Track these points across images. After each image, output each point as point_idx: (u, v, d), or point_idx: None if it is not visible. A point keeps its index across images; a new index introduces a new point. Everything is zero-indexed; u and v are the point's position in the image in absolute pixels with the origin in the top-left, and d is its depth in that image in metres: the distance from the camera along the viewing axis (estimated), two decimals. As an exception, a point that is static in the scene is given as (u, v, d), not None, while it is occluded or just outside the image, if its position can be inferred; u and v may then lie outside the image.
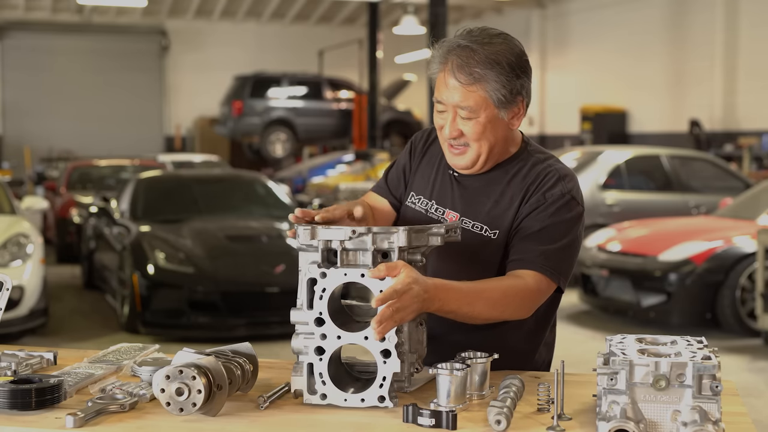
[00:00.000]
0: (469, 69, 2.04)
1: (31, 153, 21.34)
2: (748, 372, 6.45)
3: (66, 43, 23.90)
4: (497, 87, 2.04)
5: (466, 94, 2.05)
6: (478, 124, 2.08)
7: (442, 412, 1.67)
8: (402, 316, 1.76)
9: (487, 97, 2.05)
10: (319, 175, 16.30)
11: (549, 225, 2.08)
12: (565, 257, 2.09)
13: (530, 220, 2.09)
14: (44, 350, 2.14)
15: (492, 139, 2.11)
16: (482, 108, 2.06)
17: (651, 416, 1.61)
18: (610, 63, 19.32)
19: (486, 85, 2.04)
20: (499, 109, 2.08)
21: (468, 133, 2.09)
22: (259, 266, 7.41)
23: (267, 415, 1.78)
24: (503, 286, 2.01)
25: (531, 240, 2.07)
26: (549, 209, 2.09)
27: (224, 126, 21.53)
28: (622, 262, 8.07)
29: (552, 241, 2.07)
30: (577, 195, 2.13)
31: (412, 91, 22.99)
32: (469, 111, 2.07)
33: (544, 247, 2.06)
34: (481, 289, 1.96)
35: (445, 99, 2.09)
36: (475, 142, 2.10)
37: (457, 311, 1.92)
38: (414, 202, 2.27)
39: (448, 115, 2.10)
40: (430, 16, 15.52)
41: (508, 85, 2.05)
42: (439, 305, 1.86)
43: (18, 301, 6.83)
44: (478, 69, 2.03)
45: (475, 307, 1.94)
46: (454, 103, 2.07)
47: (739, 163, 14.90)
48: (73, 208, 11.63)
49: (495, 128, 2.10)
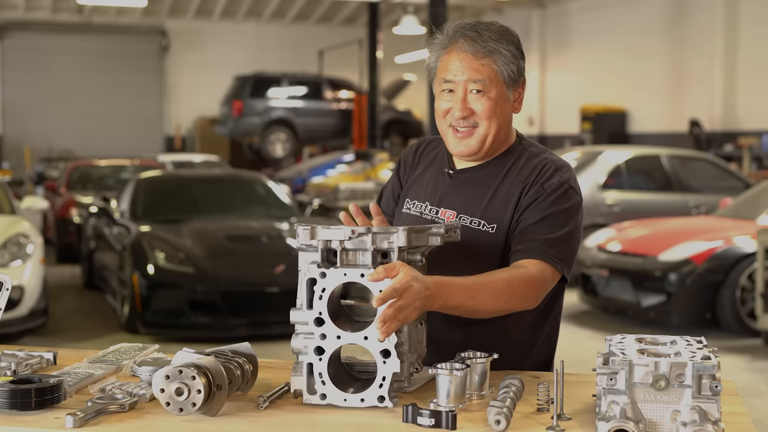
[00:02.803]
0: (482, 42, 2.08)
1: (31, 153, 21.34)
2: (748, 372, 6.46)
3: (66, 43, 23.90)
4: (507, 62, 2.10)
5: (479, 67, 2.08)
6: (489, 100, 2.10)
7: (441, 412, 1.67)
8: (405, 315, 1.75)
9: (498, 72, 2.09)
10: (319, 175, 16.30)
11: (549, 214, 2.08)
12: (566, 245, 2.08)
13: (530, 211, 2.09)
14: (44, 350, 2.14)
15: (501, 119, 2.13)
16: (494, 83, 2.10)
17: (651, 416, 1.61)
18: (610, 63, 19.31)
19: (498, 58, 2.09)
20: (508, 88, 2.12)
21: (479, 111, 2.11)
22: (259, 266, 7.41)
23: (267, 415, 1.78)
24: (505, 276, 1.99)
25: (532, 230, 2.07)
26: (548, 199, 2.09)
27: (224, 126, 21.53)
28: (622, 262, 8.07)
29: (553, 230, 2.07)
30: (574, 185, 2.15)
31: (412, 91, 22.99)
32: (482, 85, 2.09)
33: (545, 236, 2.06)
34: (483, 282, 1.95)
35: (456, 75, 2.10)
36: (485, 120, 2.11)
37: (461, 306, 1.90)
38: (409, 207, 2.27)
39: (457, 94, 2.11)
40: (430, 16, 15.52)
41: (515, 62, 2.11)
42: (443, 301, 1.85)
43: (18, 301, 6.83)
44: (491, 43, 2.09)
45: (479, 300, 1.92)
46: (466, 78, 2.09)
47: (739, 163, 14.90)
48: (73, 208, 11.63)
49: (503, 108, 2.13)
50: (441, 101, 2.15)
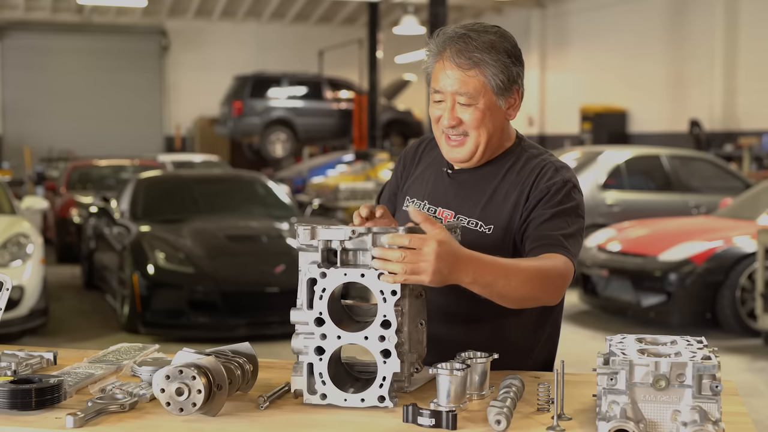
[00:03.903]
0: (468, 54, 2.06)
1: (31, 153, 21.33)
2: (748, 372, 6.46)
3: (66, 43, 23.90)
4: (495, 72, 2.07)
5: (465, 79, 2.07)
6: (477, 110, 2.09)
7: (442, 412, 1.67)
8: (413, 268, 1.74)
9: (485, 83, 2.07)
10: (319, 175, 16.30)
11: (559, 211, 2.08)
12: (577, 242, 2.09)
13: (539, 209, 2.09)
14: (44, 350, 2.14)
15: (491, 128, 2.12)
16: (481, 94, 2.08)
17: (651, 416, 1.61)
18: (610, 63, 19.32)
19: (485, 69, 2.06)
20: (498, 97, 2.09)
21: (467, 121, 2.10)
22: (259, 266, 7.41)
23: (267, 415, 1.78)
24: (538, 263, 1.97)
25: (546, 227, 2.06)
26: (555, 197, 2.09)
27: (224, 126, 21.53)
28: (622, 262, 8.07)
29: (566, 226, 2.07)
30: (577, 184, 2.15)
31: (412, 91, 23.00)
32: (468, 97, 2.08)
33: (561, 232, 2.05)
34: (516, 264, 1.93)
35: (444, 86, 2.10)
36: (474, 130, 2.11)
37: (493, 284, 1.86)
38: (408, 206, 2.27)
39: (446, 104, 2.11)
40: (430, 16, 15.52)
41: (505, 71, 2.08)
42: (473, 276, 1.82)
43: (18, 301, 6.83)
44: (476, 54, 2.06)
45: (512, 281, 1.88)
46: (453, 90, 2.08)
47: (739, 163, 14.90)
48: (73, 208, 11.63)
49: (494, 116, 2.11)
50: (433, 108, 2.16)
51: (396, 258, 1.74)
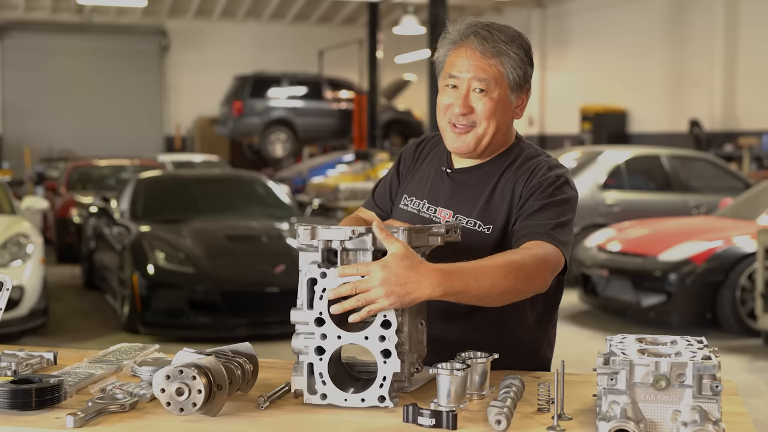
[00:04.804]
0: (493, 42, 2.09)
1: (31, 153, 21.33)
2: (748, 372, 6.46)
3: (66, 43, 23.90)
4: (514, 66, 2.10)
5: (486, 67, 2.09)
6: (491, 100, 2.10)
7: (442, 412, 1.67)
8: (366, 298, 1.73)
9: (504, 74, 2.10)
10: (319, 175, 16.30)
11: (549, 203, 2.08)
12: (566, 232, 2.08)
13: (531, 201, 2.10)
14: (44, 350, 2.14)
15: (499, 121, 2.13)
16: (498, 84, 2.10)
17: (651, 416, 1.61)
18: (610, 63, 19.31)
19: (506, 60, 2.09)
20: (511, 92, 2.12)
21: (479, 110, 2.11)
22: (259, 266, 7.41)
23: (267, 415, 1.78)
24: (508, 255, 1.94)
25: (533, 217, 2.07)
26: (547, 190, 2.10)
27: (224, 126, 21.53)
28: (622, 262, 8.07)
29: (554, 217, 2.07)
30: (570, 180, 2.16)
31: (412, 91, 22.99)
32: (485, 84, 2.09)
33: (548, 221, 2.05)
34: (484, 263, 1.88)
35: (462, 71, 2.10)
36: (485, 120, 2.11)
37: (467, 290, 1.81)
38: (406, 204, 2.27)
39: (460, 90, 2.11)
40: (430, 16, 15.51)
41: (523, 67, 2.12)
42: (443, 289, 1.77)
43: (18, 301, 6.83)
44: (501, 44, 2.09)
45: (484, 281, 1.83)
46: (471, 75, 2.10)
47: (739, 163, 14.90)
48: (73, 208, 11.63)
49: (504, 111, 2.13)
50: (444, 96, 2.15)
51: (348, 291, 1.74)
